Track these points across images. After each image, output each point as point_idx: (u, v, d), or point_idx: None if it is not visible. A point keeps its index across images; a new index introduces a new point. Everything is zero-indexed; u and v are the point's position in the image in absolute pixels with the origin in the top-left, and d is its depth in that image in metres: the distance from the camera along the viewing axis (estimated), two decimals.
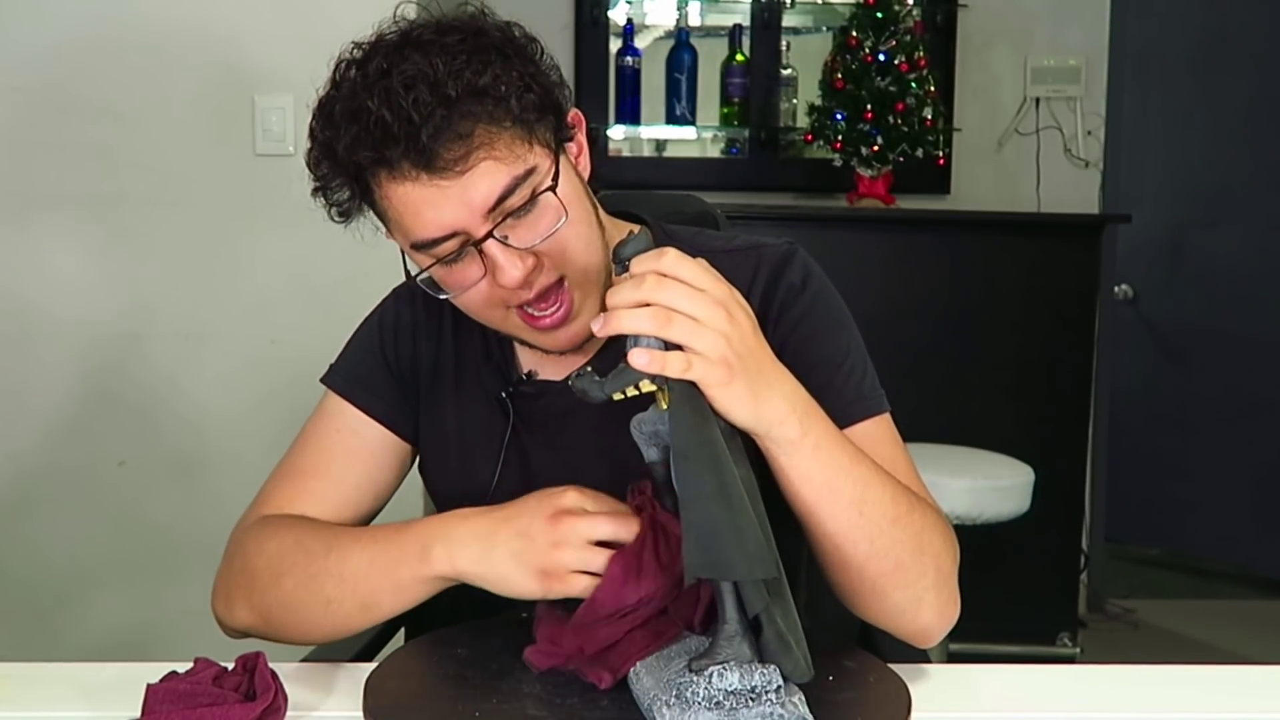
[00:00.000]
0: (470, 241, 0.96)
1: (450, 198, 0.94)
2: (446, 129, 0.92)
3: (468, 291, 1.00)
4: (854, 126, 3.15)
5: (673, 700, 0.78)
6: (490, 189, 0.94)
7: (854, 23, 3.19)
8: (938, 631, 1.00)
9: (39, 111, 2.36)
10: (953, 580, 0.99)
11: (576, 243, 1.01)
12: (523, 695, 0.86)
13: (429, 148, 0.92)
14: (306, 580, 1.01)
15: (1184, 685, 1.02)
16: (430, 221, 0.96)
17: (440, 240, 0.97)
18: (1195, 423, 3.89)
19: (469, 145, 0.93)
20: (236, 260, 2.40)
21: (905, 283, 3.04)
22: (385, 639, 1.26)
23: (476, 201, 0.95)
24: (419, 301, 1.18)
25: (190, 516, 2.41)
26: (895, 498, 0.94)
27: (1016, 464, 2.50)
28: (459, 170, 0.93)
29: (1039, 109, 3.55)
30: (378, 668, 0.94)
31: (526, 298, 0.99)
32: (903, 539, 0.94)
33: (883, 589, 0.95)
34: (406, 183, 0.95)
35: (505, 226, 0.96)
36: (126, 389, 2.40)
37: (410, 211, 0.96)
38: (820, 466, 0.89)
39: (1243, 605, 3.78)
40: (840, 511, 0.91)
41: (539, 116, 0.98)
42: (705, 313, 0.80)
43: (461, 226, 0.96)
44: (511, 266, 0.96)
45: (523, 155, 0.96)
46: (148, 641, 2.40)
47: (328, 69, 1.02)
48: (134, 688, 0.86)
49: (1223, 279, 3.80)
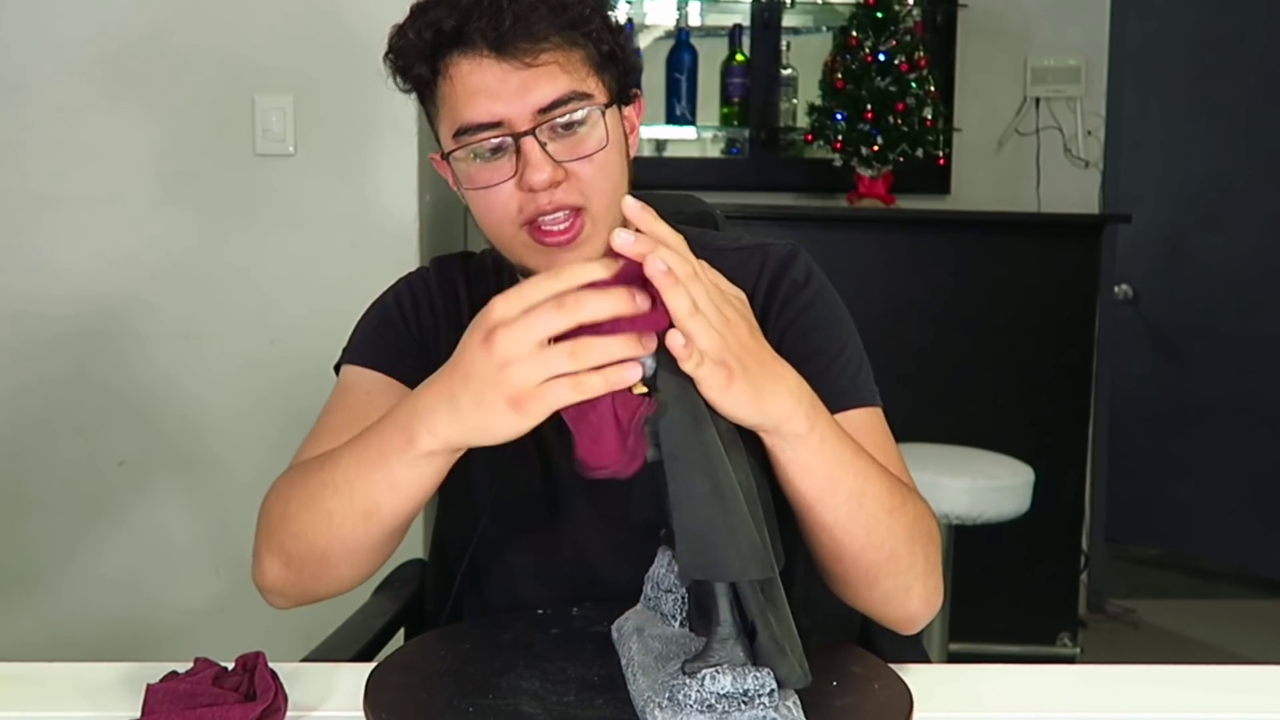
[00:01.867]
0: (512, 134, 1.00)
1: (509, 86, 1.00)
2: (527, 23, 0.99)
3: (489, 191, 1.03)
4: (854, 126, 3.15)
5: (665, 702, 0.78)
6: (548, 91, 1.01)
7: (854, 23, 3.19)
8: (922, 618, 1.03)
9: (39, 111, 2.36)
10: (939, 569, 1.02)
11: (605, 180, 1.04)
12: (520, 692, 0.86)
13: (507, 32, 0.99)
14: (307, 500, 0.97)
15: (1184, 685, 1.02)
16: (483, 106, 1.01)
17: (485, 127, 1.01)
18: (1195, 423, 3.89)
19: (542, 46, 1.00)
20: (236, 260, 2.40)
21: (905, 283, 3.04)
22: (385, 639, 1.26)
23: (532, 98, 1.00)
24: (434, 283, 1.21)
25: (190, 516, 2.41)
26: (891, 490, 0.96)
27: (1016, 464, 2.50)
28: (526, 62, 1.00)
29: (1039, 109, 3.55)
30: (378, 666, 0.94)
31: (545, 206, 1.02)
32: (897, 530, 0.95)
33: (875, 577, 0.97)
34: (475, 60, 1.01)
35: (547, 134, 1.01)
36: (126, 389, 2.40)
37: (467, 92, 1.01)
38: (824, 460, 0.90)
39: (1243, 605, 3.78)
40: (841, 503, 0.92)
41: (607, 61, 1.05)
42: (713, 312, 0.80)
43: (510, 118, 1.01)
44: (541, 167, 1.00)
45: (584, 79, 1.03)
46: (148, 641, 2.40)
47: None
48: (134, 688, 0.86)
49: (1223, 279, 3.80)
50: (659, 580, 0.94)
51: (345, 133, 2.38)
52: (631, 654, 0.89)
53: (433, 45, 1.02)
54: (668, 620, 0.92)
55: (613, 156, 1.05)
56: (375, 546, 0.97)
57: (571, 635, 0.99)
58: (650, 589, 0.95)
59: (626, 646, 0.91)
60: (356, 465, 0.93)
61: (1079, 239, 3.11)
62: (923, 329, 3.02)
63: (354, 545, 0.96)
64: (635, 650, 0.89)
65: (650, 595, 0.95)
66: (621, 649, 0.92)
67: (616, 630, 0.95)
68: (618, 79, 1.07)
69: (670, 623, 0.92)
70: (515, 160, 1.01)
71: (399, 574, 1.44)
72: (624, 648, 0.91)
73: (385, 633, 1.27)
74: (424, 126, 2.45)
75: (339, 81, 2.37)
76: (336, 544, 0.96)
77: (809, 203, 3.41)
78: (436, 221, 2.67)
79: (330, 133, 2.37)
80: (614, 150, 1.05)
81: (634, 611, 0.96)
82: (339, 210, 2.38)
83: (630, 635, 0.92)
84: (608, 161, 1.04)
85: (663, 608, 0.93)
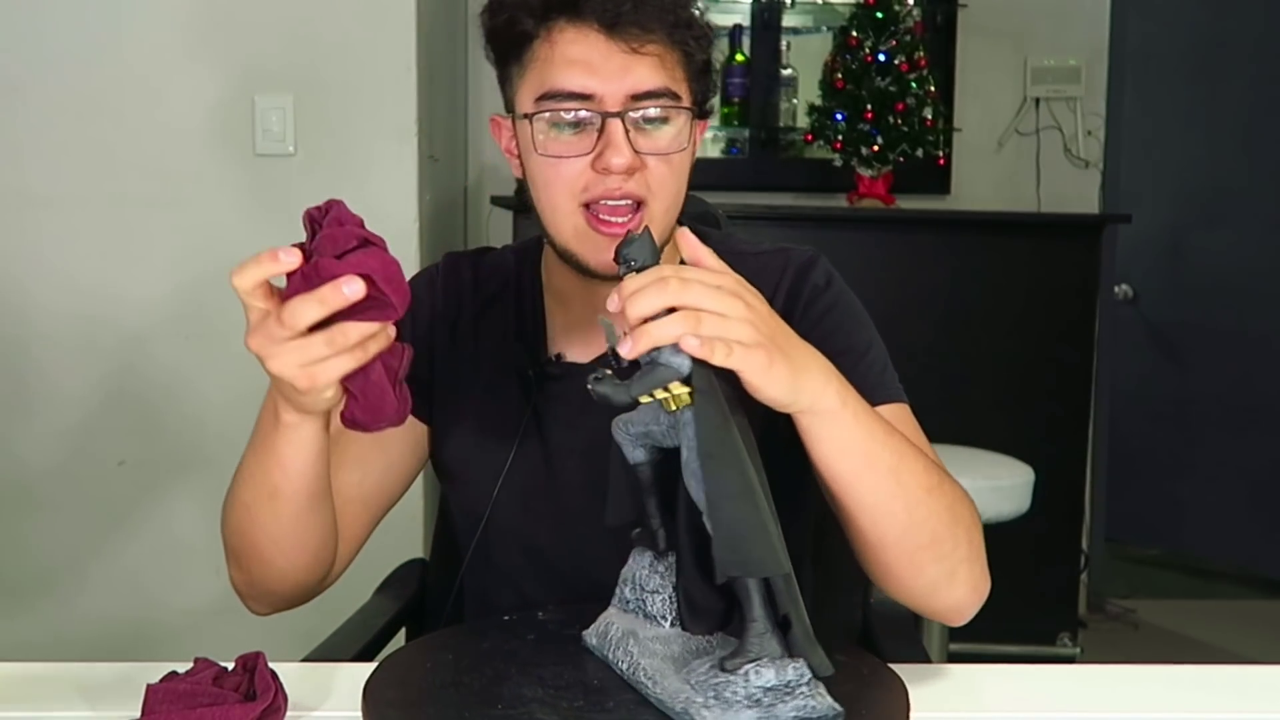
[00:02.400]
0: (601, 112, 1.02)
1: (611, 64, 1.01)
2: (642, 10, 1.01)
3: (561, 161, 1.03)
4: (854, 126, 3.15)
5: (711, 701, 0.78)
6: (645, 80, 1.02)
7: (854, 23, 3.19)
8: (970, 607, 1.01)
9: (39, 111, 2.36)
10: (983, 555, 1.01)
11: (672, 181, 1.06)
12: (526, 701, 0.85)
13: (622, 15, 1.01)
14: (231, 499, 1.06)
15: (1184, 685, 1.02)
16: (579, 77, 1.02)
17: (576, 97, 1.02)
18: (1195, 423, 3.89)
19: (650, 36, 1.02)
20: (236, 260, 2.38)
21: (905, 283, 3.04)
22: (385, 639, 1.26)
23: (629, 81, 1.02)
24: (439, 283, 1.21)
25: (190, 516, 2.41)
26: (927, 468, 0.95)
27: (1016, 464, 2.50)
28: (632, 47, 1.02)
29: (1039, 109, 3.54)
30: (377, 668, 0.93)
31: (613, 191, 1.03)
32: (938, 510, 0.94)
33: (919, 563, 0.96)
34: (583, 30, 1.02)
35: (633, 122, 1.02)
36: (127, 389, 2.40)
37: (567, 59, 1.02)
38: (860, 436, 0.90)
39: (1243, 605, 3.78)
40: (880, 481, 0.91)
41: (700, 72, 1.08)
42: (728, 305, 0.80)
43: (603, 96, 1.02)
44: (623, 150, 1.01)
45: (678, 80, 1.05)
46: (148, 641, 2.40)
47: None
48: (134, 688, 0.86)
49: (1223, 279, 3.80)
50: (641, 582, 0.93)
51: (345, 133, 2.38)
52: (635, 659, 0.88)
53: (544, 6, 1.03)
54: (656, 621, 0.91)
55: (684, 162, 1.07)
56: (291, 531, 1.03)
57: (549, 639, 0.97)
58: (630, 591, 0.94)
59: (622, 651, 0.89)
60: (252, 453, 1.01)
61: (1079, 239, 3.11)
62: (923, 329, 3.02)
63: (273, 531, 1.03)
64: (637, 654, 0.88)
65: (630, 598, 0.93)
66: (615, 654, 0.90)
67: (597, 637, 0.93)
68: (702, 92, 1.09)
69: (660, 624, 0.91)
70: (595, 138, 1.02)
71: (399, 574, 1.44)
72: (618, 653, 0.90)
73: (385, 633, 1.27)
74: (424, 127, 2.46)
75: (339, 81, 2.37)
76: (258, 532, 1.03)
77: (809, 203, 3.40)
78: (436, 221, 2.67)
79: (330, 133, 2.37)
80: (686, 157, 1.07)
81: (612, 615, 0.94)
82: None
83: (622, 640, 0.90)
84: (680, 165, 1.06)
85: (649, 609, 0.92)
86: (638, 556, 0.94)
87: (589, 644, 0.94)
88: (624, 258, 0.82)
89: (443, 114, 2.82)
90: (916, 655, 1.12)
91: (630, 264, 0.82)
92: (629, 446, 0.89)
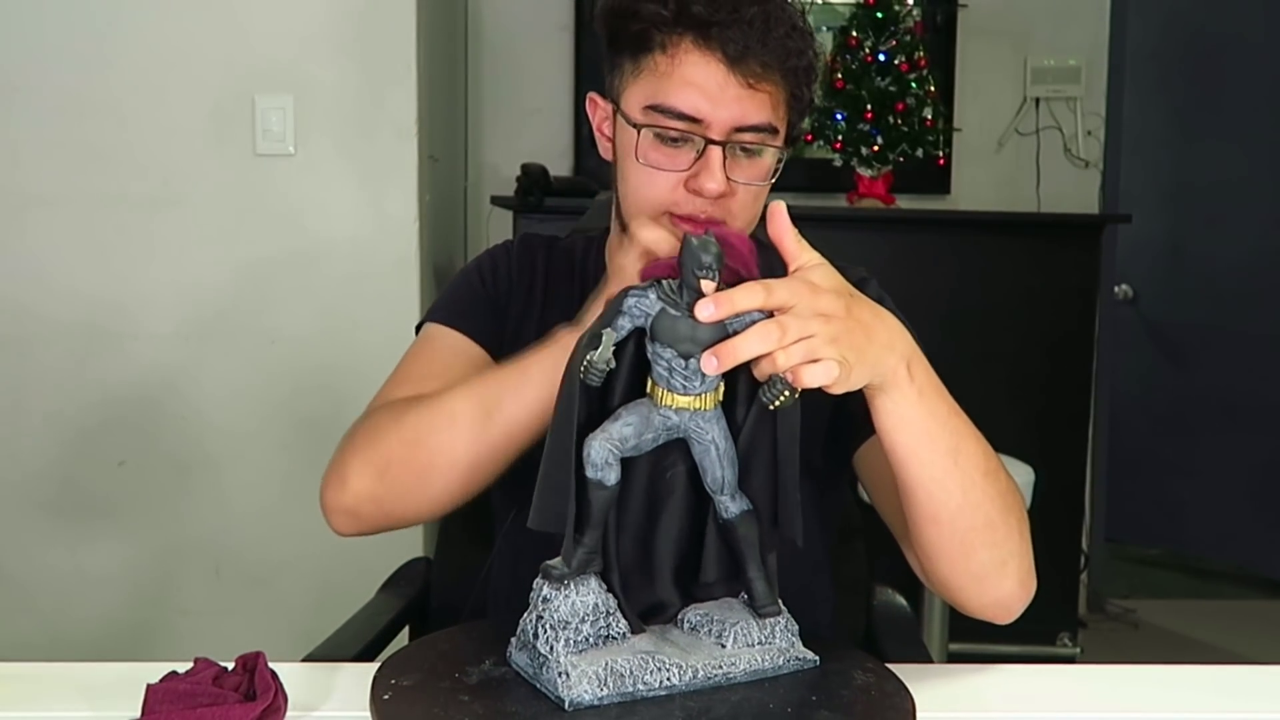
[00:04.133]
0: (706, 139, 1.04)
1: (725, 95, 1.03)
2: (767, 50, 1.03)
3: (659, 172, 1.06)
4: (854, 126, 3.15)
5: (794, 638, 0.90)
6: (753, 114, 1.04)
7: (854, 23, 3.19)
8: (1018, 603, 1.01)
9: (39, 111, 2.36)
10: (1030, 552, 1.01)
11: (753, 207, 1.09)
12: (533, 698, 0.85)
13: (747, 49, 1.02)
14: (428, 408, 1.04)
15: (1184, 685, 1.02)
16: (693, 100, 1.03)
17: (682, 117, 1.04)
18: (1195, 423, 3.89)
19: (768, 75, 1.04)
20: (236, 260, 2.40)
21: (905, 283, 3.00)
22: (388, 638, 1.26)
23: (736, 113, 1.04)
24: (515, 255, 1.25)
25: (190, 516, 2.41)
26: (986, 453, 0.97)
27: (1016, 464, 2.50)
28: (749, 82, 1.03)
29: (1039, 109, 3.54)
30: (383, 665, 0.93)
31: (697, 213, 1.05)
32: (993, 494, 0.96)
33: (971, 545, 0.97)
34: (705, 55, 1.03)
35: (731, 150, 1.05)
36: (126, 389, 2.40)
37: (684, 80, 1.04)
38: (921, 414, 0.91)
39: (1243, 605, 3.78)
40: (938, 459, 0.93)
41: (802, 108, 1.10)
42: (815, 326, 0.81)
43: (711, 122, 1.04)
44: (718, 177, 1.04)
45: (780, 117, 1.07)
46: (148, 641, 2.40)
47: None
48: (134, 688, 0.86)
49: (1223, 279, 3.79)
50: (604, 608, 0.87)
51: (345, 133, 2.38)
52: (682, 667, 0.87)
53: (673, 19, 1.04)
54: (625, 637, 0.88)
55: (765, 191, 1.09)
56: (482, 458, 1.02)
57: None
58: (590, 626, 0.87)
59: (653, 669, 0.86)
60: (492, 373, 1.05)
61: (1079, 239, 3.11)
62: (922, 329, 3.00)
63: (465, 451, 1.02)
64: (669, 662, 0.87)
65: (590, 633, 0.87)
66: (647, 681, 0.86)
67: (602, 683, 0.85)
68: (796, 126, 1.11)
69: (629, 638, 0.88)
70: (694, 158, 1.05)
71: (403, 572, 1.44)
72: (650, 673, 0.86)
73: (388, 632, 1.27)
74: (424, 127, 2.46)
75: (339, 81, 2.38)
76: (449, 448, 1.02)
77: (809, 203, 3.40)
78: (437, 221, 2.67)
79: (330, 133, 2.38)
80: (768, 186, 1.09)
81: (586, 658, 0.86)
82: (339, 210, 2.38)
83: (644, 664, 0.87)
84: (761, 194, 1.08)
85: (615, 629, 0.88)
86: (582, 586, 0.87)
87: (588, 702, 0.84)
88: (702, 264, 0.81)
89: (443, 114, 2.82)
90: (918, 655, 1.12)
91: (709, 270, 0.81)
92: (611, 471, 0.85)
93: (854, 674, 0.91)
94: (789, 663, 0.90)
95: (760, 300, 0.80)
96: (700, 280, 0.81)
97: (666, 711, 0.84)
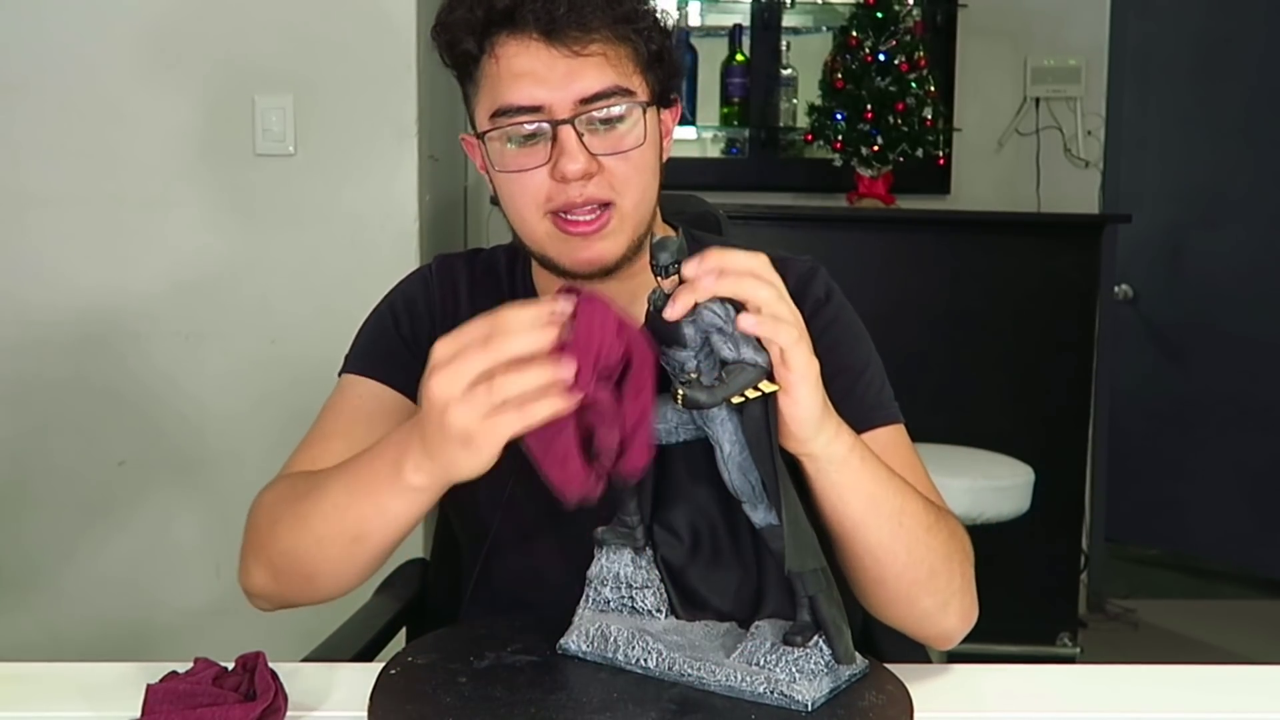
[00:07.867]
0: (551, 121, 1.00)
1: (555, 72, 1.00)
2: (580, 12, 0.99)
3: (521, 175, 1.02)
4: (854, 126, 3.15)
5: (796, 675, 0.84)
6: (592, 82, 1.00)
7: (854, 23, 3.19)
8: (958, 634, 1.03)
9: (39, 111, 2.36)
10: (973, 584, 1.03)
11: (638, 178, 1.04)
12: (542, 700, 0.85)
13: (560, 18, 0.99)
14: (295, 522, 0.98)
15: (1184, 685, 1.02)
16: (525, 89, 1.00)
17: (525, 110, 1.01)
18: (1195, 423, 3.89)
19: (592, 36, 1.00)
20: (236, 260, 2.40)
21: (905, 283, 3.04)
22: (386, 639, 1.26)
23: (575, 86, 1.00)
24: (434, 283, 1.20)
25: (190, 516, 2.41)
26: (926, 507, 0.97)
27: (1016, 464, 2.50)
28: (574, 50, 1.00)
29: (1039, 109, 3.55)
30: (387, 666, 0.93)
31: (575, 199, 1.02)
32: (935, 546, 0.96)
33: (915, 596, 0.98)
34: (523, 42, 1.00)
35: (585, 125, 1.01)
36: (126, 389, 2.40)
37: (512, 74, 1.01)
38: (867, 480, 0.91)
39: (1243, 605, 3.77)
40: (884, 523, 0.93)
41: (654, 61, 1.05)
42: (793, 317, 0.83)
43: (551, 105, 1.00)
44: (576, 157, 1.00)
45: (629, 75, 1.03)
46: (148, 641, 2.40)
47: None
48: (134, 688, 0.86)
49: (1223, 279, 3.79)
50: (628, 579, 0.94)
51: (345, 133, 2.38)
52: (666, 654, 0.88)
53: (484, 22, 1.02)
54: (652, 615, 0.93)
55: (648, 156, 1.05)
56: (361, 568, 0.98)
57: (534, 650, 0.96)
58: (611, 591, 0.94)
59: (641, 649, 0.90)
60: (347, 493, 0.93)
61: (1079, 239, 3.11)
62: (923, 329, 3.02)
63: (341, 567, 0.98)
64: (665, 650, 0.89)
65: (612, 597, 0.94)
66: (630, 653, 0.90)
67: (588, 641, 0.93)
68: (661, 80, 1.07)
69: (656, 617, 0.93)
70: (550, 148, 1.01)
71: (400, 573, 1.43)
72: (635, 651, 0.90)
73: (386, 632, 1.27)
74: (424, 126, 2.46)
75: (339, 81, 2.37)
76: (324, 565, 0.98)
77: (809, 203, 3.40)
78: (436, 221, 2.67)
79: (330, 133, 2.37)
80: (649, 150, 1.05)
81: (597, 618, 0.94)
82: (339, 210, 2.38)
83: (634, 639, 0.90)
84: (642, 160, 1.04)
85: (639, 605, 0.93)
86: (614, 554, 0.95)
87: (573, 651, 0.93)
88: (660, 262, 0.82)
89: (443, 114, 2.82)
90: (916, 655, 1.12)
91: (669, 269, 0.81)
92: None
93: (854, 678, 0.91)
94: (776, 696, 0.84)
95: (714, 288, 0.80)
96: (662, 280, 0.82)
97: (660, 690, 0.87)
